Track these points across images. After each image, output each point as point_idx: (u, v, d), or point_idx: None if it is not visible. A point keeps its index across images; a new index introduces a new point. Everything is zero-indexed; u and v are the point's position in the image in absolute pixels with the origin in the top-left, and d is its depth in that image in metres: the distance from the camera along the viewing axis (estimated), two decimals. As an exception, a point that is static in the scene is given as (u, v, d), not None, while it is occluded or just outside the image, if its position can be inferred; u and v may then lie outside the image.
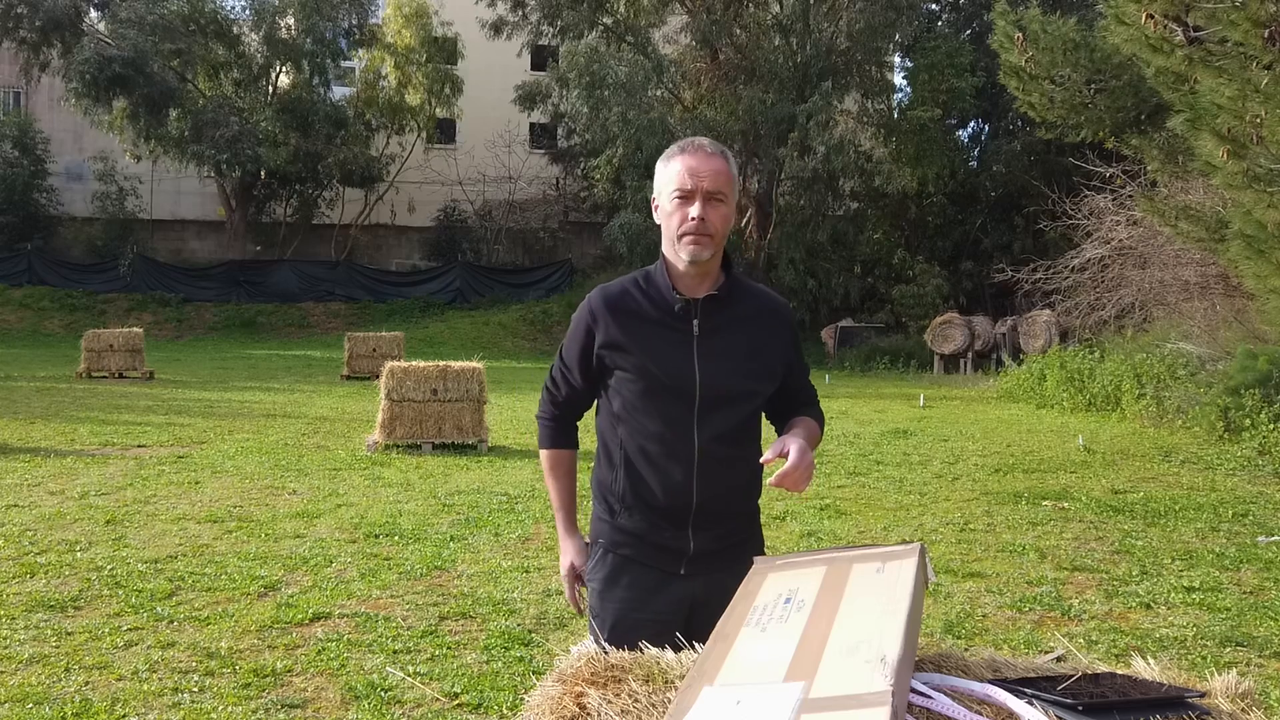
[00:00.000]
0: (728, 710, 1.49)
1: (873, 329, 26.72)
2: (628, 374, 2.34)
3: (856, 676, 1.48)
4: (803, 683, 1.50)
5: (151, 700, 3.90)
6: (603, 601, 2.38)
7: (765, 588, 1.90)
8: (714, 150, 2.31)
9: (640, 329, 2.34)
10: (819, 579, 1.85)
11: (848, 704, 1.41)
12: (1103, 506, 7.93)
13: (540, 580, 5.67)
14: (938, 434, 12.47)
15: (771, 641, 1.67)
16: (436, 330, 29.47)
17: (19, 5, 30.20)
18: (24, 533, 6.58)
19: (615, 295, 2.40)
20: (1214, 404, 11.51)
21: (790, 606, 1.78)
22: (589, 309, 2.43)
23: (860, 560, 1.91)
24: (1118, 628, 4.97)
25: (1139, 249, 17.27)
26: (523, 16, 30.41)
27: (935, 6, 32.20)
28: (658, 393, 2.32)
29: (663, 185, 2.33)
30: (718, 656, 1.67)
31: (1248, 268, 9.07)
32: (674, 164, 2.30)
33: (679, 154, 2.31)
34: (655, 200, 2.37)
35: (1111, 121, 10.18)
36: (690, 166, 2.27)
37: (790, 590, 1.84)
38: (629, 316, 2.36)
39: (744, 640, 1.71)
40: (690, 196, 2.26)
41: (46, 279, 32.24)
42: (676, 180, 2.28)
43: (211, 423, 12.42)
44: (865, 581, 1.80)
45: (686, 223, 2.26)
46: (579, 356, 2.44)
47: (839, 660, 1.54)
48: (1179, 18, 8.00)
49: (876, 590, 1.75)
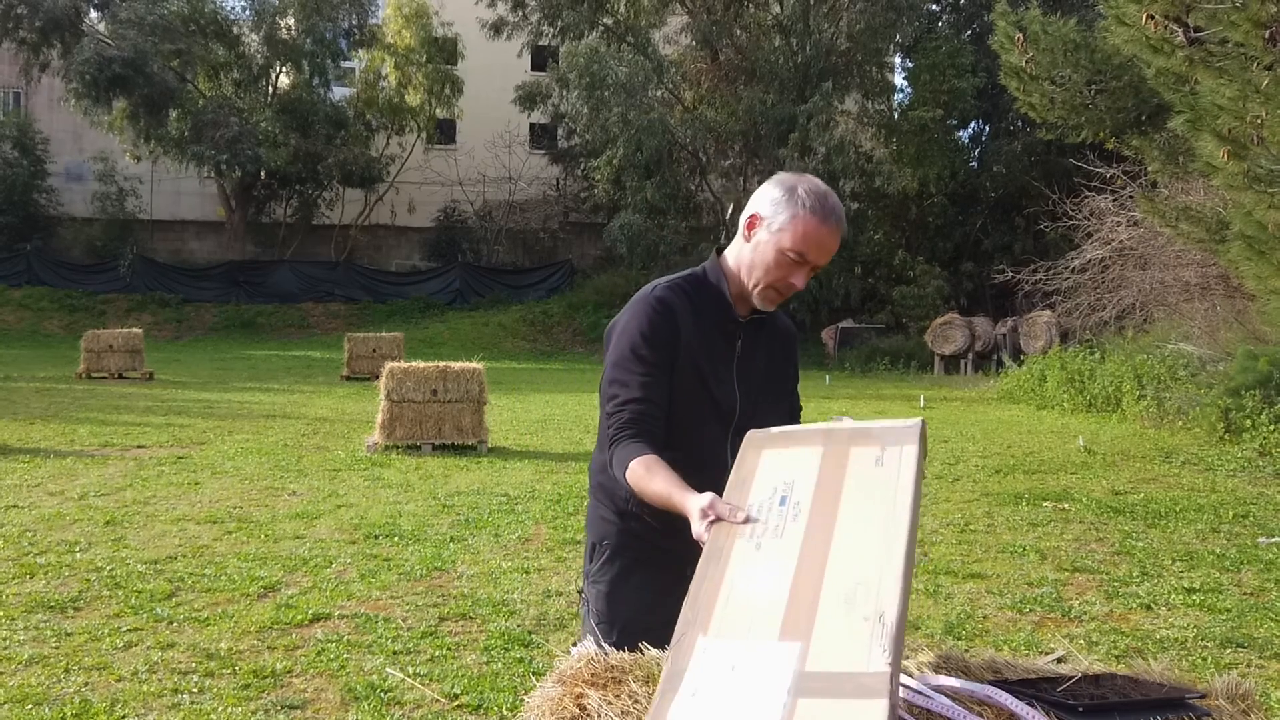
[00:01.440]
0: (722, 676, 1.45)
1: (873, 330, 26.72)
2: (680, 386, 2.26)
3: (854, 643, 1.42)
4: (799, 645, 1.45)
5: (151, 701, 3.89)
6: (610, 605, 2.34)
7: (760, 474, 1.82)
8: (842, 223, 2.22)
9: (703, 343, 2.28)
10: (815, 469, 1.77)
11: (844, 688, 1.37)
12: (1103, 507, 7.92)
13: (540, 581, 5.66)
14: (938, 435, 12.46)
15: (766, 569, 1.61)
16: (436, 331, 29.46)
17: (19, 5, 30.19)
18: (23, 533, 6.57)
19: (683, 302, 2.28)
20: (1214, 405, 11.50)
21: (786, 511, 1.71)
22: (668, 309, 2.26)
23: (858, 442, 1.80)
24: (1118, 629, 4.96)
25: (1139, 250, 17.26)
26: (523, 17, 30.41)
27: (936, 7, 32.20)
28: (701, 406, 2.28)
29: (780, 225, 2.20)
30: (712, 588, 1.62)
31: (1248, 269, 9.06)
32: (808, 223, 2.18)
33: (820, 217, 2.18)
34: (758, 218, 2.23)
35: (1112, 122, 10.18)
36: (823, 240, 2.19)
37: (786, 484, 1.76)
38: (697, 327, 2.28)
39: (738, 563, 1.65)
40: (803, 265, 2.20)
41: (46, 279, 32.21)
42: (801, 242, 2.18)
43: (211, 423, 12.41)
44: (864, 479, 1.71)
45: (785, 285, 2.23)
46: (666, 364, 2.24)
47: (836, 613, 1.48)
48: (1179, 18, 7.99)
49: (875, 495, 1.67)
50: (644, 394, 2.18)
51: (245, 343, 28.77)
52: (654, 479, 2.04)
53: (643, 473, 2.07)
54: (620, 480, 2.16)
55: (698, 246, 26.80)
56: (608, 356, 2.29)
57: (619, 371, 2.23)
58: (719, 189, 30.07)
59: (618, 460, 2.15)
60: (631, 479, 2.09)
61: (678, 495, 1.94)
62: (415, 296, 33.16)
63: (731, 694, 1.41)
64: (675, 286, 2.29)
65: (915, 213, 30.18)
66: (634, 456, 2.10)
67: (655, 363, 2.20)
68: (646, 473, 2.06)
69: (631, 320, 2.25)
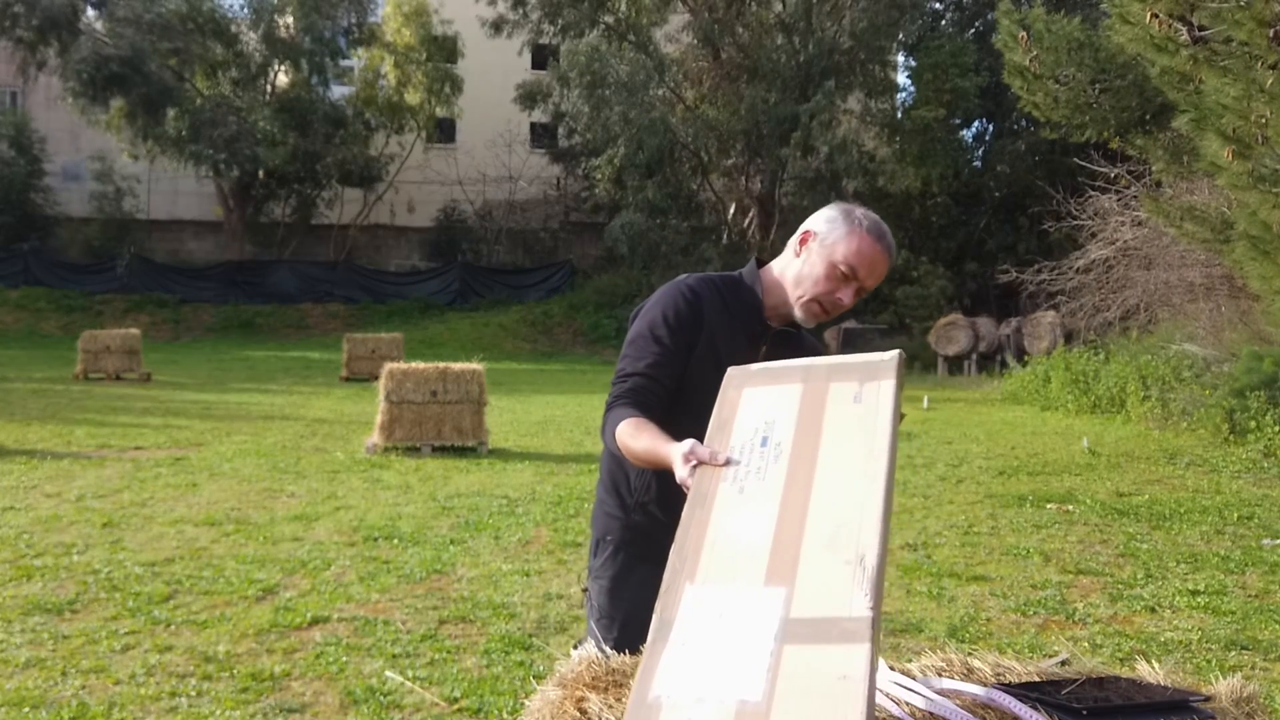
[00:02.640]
0: (711, 624, 1.49)
1: (876, 330, 26.65)
2: (699, 378, 2.23)
3: (837, 586, 1.46)
4: (784, 590, 1.49)
5: (149, 704, 3.87)
6: (612, 600, 2.34)
7: (742, 414, 1.86)
8: (891, 251, 2.28)
9: (727, 340, 2.29)
10: (795, 407, 1.80)
11: (829, 634, 1.41)
12: (1107, 509, 7.89)
13: (540, 584, 5.63)
14: (942, 436, 12.43)
15: (750, 513, 1.65)
16: (436, 331, 29.43)
17: (16, 4, 30.13)
18: (20, 535, 6.53)
19: (714, 296, 2.32)
20: (1219, 406, 11.47)
21: (767, 452, 1.74)
22: (695, 298, 2.29)
23: (837, 377, 1.83)
24: (1122, 631, 4.94)
25: (1144, 250, 17.24)
26: (523, 15, 30.38)
27: (939, 5, 32.18)
28: None
29: (834, 240, 2.26)
30: (698, 534, 1.65)
31: (1253, 269, 9.03)
32: (865, 242, 2.24)
33: (875, 238, 2.25)
34: (812, 234, 2.29)
35: (1116, 121, 10.15)
36: (874, 259, 2.25)
37: (767, 424, 1.79)
38: (724, 323, 2.30)
39: (723, 507, 1.68)
40: (852, 281, 2.25)
41: (43, 279, 32.14)
42: (854, 257, 2.23)
43: (209, 424, 12.38)
44: (843, 417, 1.74)
45: (831, 299, 2.26)
46: (683, 351, 2.27)
47: (818, 557, 1.52)
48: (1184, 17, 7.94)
49: (854, 435, 1.70)
50: (649, 370, 2.22)
51: (243, 343, 28.72)
52: (640, 436, 2.07)
53: (631, 431, 2.11)
54: (609, 444, 2.20)
55: (699, 246, 26.83)
56: (627, 336, 2.34)
57: (631, 348, 2.27)
58: (721, 189, 30.05)
59: (609, 423, 2.19)
60: (620, 438, 2.13)
61: (661, 446, 1.97)
62: (415, 297, 33.11)
63: (720, 642, 1.46)
64: (709, 281, 2.34)
65: (918, 212, 30.16)
66: (624, 419, 2.14)
67: (670, 346, 2.23)
68: (635, 431, 2.10)
69: (656, 304, 2.30)
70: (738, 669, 1.41)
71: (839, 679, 1.34)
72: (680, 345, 2.25)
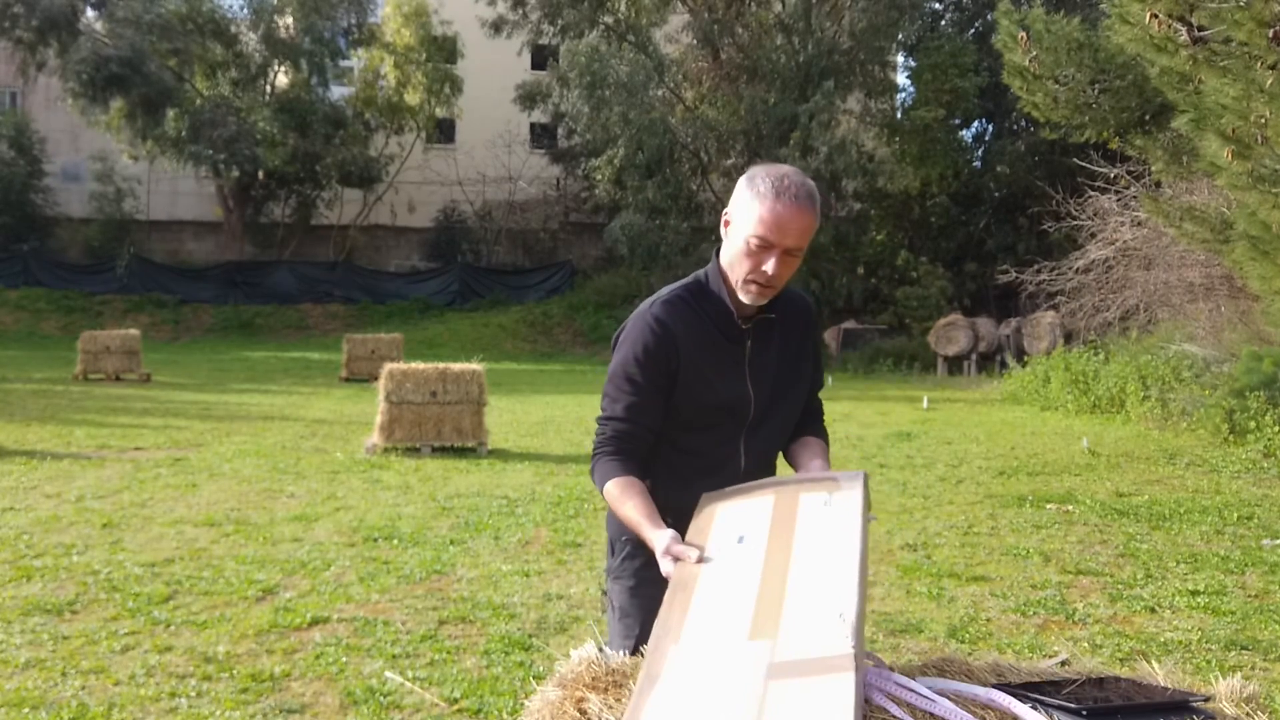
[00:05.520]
0: (698, 672, 1.53)
1: (876, 331, 26.68)
2: (687, 394, 2.26)
3: (819, 634, 1.52)
4: (768, 642, 1.53)
5: (149, 705, 3.87)
6: (634, 599, 2.33)
7: (716, 524, 1.93)
8: (806, 201, 2.16)
9: (707, 351, 2.27)
10: (768, 512, 1.88)
11: (813, 668, 1.45)
12: (1107, 509, 7.89)
13: (540, 584, 5.63)
14: (941, 437, 12.43)
15: (732, 586, 1.71)
16: (436, 332, 29.42)
17: (15, 4, 30.13)
18: (20, 536, 6.53)
19: (684, 314, 2.27)
20: (1219, 406, 11.47)
21: (744, 547, 1.81)
22: (664, 331, 2.24)
23: (807, 489, 1.94)
24: (1122, 631, 4.93)
25: (1143, 250, 17.24)
26: (523, 15, 30.40)
27: (938, 6, 32.17)
28: (713, 414, 2.29)
29: (744, 217, 2.19)
30: (680, 609, 1.69)
31: (1252, 269, 9.03)
32: (764, 206, 2.15)
33: (773, 197, 2.14)
34: (728, 217, 2.24)
35: (1116, 122, 10.13)
36: (780, 219, 2.14)
37: (742, 527, 1.87)
38: (700, 337, 2.27)
39: (704, 589, 1.73)
40: (770, 249, 2.17)
41: (43, 280, 32.14)
42: (761, 227, 2.15)
43: (209, 425, 12.38)
44: (815, 516, 1.83)
45: (757, 273, 2.18)
46: (661, 384, 2.25)
47: (800, 613, 1.58)
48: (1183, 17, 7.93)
49: (827, 528, 1.78)
50: (627, 414, 2.25)
51: (243, 344, 28.71)
52: (625, 503, 2.16)
53: (616, 494, 2.19)
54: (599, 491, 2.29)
55: (699, 247, 26.77)
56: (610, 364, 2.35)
57: (611, 386, 2.29)
58: (721, 189, 30.01)
59: (596, 474, 2.26)
60: (607, 497, 2.22)
61: (645, 529, 2.07)
62: (414, 297, 33.10)
63: (708, 685, 1.50)
64: (676, 299, 2.30)
65: (918, 213, 30.16)
66: (610, 476, 2.21)
67: (644, 385, 2.24)
68: (620, 495, 2.18)
69: (627, 340, 2.29)
70: (726, 704, 1.45)
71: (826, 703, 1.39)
72: (656, 380, 2.23)
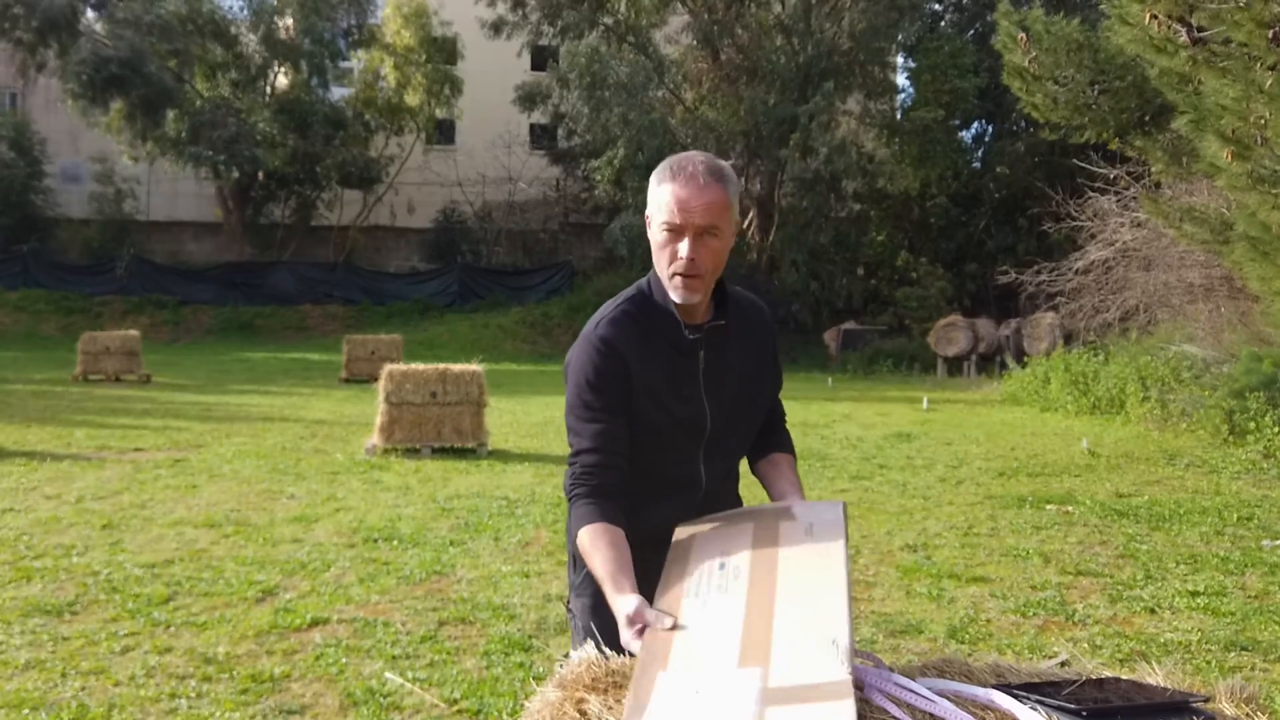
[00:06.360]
0: (687, 700, 1.48)
1: (876, 331, 26.68)
2: (641, 415, 2.15)
3: (812, 660, 1.49)
4: (759, 669, 1.50)
5: (148, 706, 3.87)
6: (598, 615, 2.24)
7: (695, 553, 1.89)
8: (708, 177, 2.04)
9: (659, 368, 2.15)
10: (748, 540, 1.85)
11: (810, 695, 1.41)
12: (1107, 510, 7.89)
13: (540, 585, 5.62)
14: (941, 437, 12.43)
15: (716, 616, 1.67)
16: (436, 333, 29.42)
17: (15, 5, 30.12)
18: (20, 537, 6.53)
19: (630, 332, 2.15)
20: (1219, 407, 11.47)
21: (726, 573, 1.77)
22: (612, 352, 2.12)
23: (785, 519, 1.91)
24: (1122, 632, 4.93)
25: (1143, 251, 17.24)
26: (523, 16, 30.39)
27: (938, 7, 32.20)
28: (667, 429, 2.18)
29: (654, 208, 2.10)
30: (666, 637, 1.66)
31: (1252, 270, 9.02)
32: (664, 190, 2.05)
33: (670, 178, 2.05)
34: (649, 218, 2.14)
35: (1115, 123, 10.13)
36: (680, 199, 2.03)
37: (722, 555, 1.83)
38: (649, 354, 2.15)
39: (688, 616, 1.70)
40: (679, 232, 2.04)
41: (43, 281, 32.09)
42: (665, 212, 2.05)
43: (209, 426, 12.38)
44: (797, 544, 1.80)
45: (675, 261, 2.06)
46: (620, 406, 2.12)
47: (791, 640, 1.55)
48: (1183, 18, 7.94)
49: (810, 553, 1.76)
50: (594, 443, 2.10)
51: (243, 345, 28.69)
52: (594, 556, 2.00)
53: (586, 545, 2.03)
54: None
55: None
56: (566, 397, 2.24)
57: (571, 418, 2.16)
58: (720, 190, 29.98)
59: (572, 520, 2.11)
60: (579, 547, 2.07)
61: (610, 590, 1.91)
62: (414, 298, 33.08)
63: (699, 713, 1.45)
64: (621, 316, 2.17)
65: (918, 213, 30.18)
66: (584, 523, 2.05)
67: (602, 407, 2.11)
68: (590, 546, 2.02)
69: (575, 366, 2.16)
70: None
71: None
72: (613, 401, 2.12)
